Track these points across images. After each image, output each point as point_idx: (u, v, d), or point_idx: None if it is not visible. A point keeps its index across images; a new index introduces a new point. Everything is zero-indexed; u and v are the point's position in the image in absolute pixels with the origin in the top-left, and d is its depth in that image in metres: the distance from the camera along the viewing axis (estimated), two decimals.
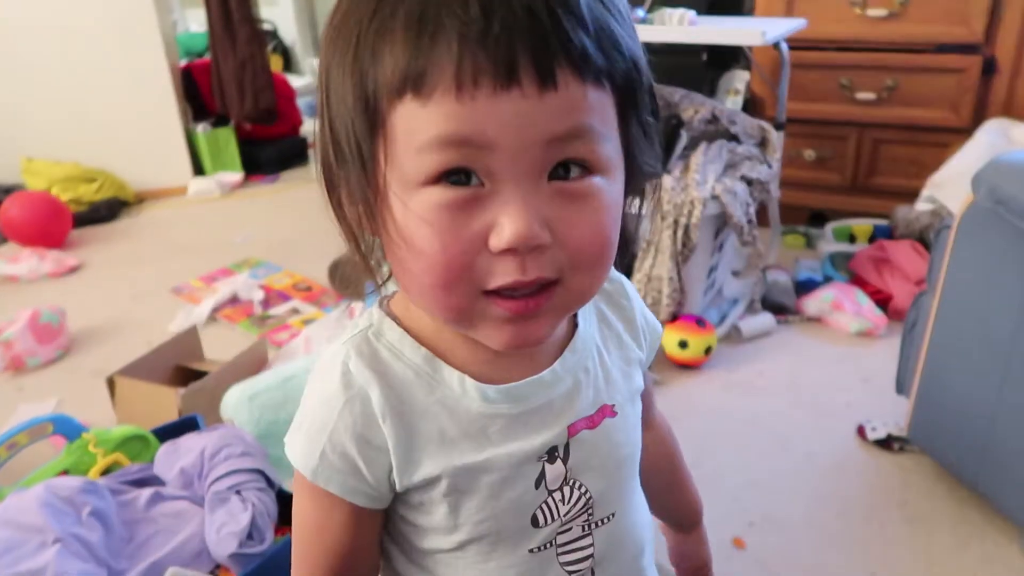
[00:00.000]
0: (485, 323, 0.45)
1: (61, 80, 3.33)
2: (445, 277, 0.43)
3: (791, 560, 1.37)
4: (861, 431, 1.66)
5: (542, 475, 0.52)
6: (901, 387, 1.59)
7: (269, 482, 1.27)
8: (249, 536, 1.16)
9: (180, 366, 1.87)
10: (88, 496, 1.16)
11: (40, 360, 2.11)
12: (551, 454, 0.52)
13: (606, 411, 0.55)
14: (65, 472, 1.30)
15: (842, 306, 2.08)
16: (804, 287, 2.22)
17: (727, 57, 2.50)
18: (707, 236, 1.91)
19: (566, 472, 0.53)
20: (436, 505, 0.51)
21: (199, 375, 1.79)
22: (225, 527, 1.16)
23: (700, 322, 1.91)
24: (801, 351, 2.02)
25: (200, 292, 2.51)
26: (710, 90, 2.44)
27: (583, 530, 0.55)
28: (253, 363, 1.83)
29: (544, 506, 0.53)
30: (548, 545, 0.54)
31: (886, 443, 1.61)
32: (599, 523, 0.56)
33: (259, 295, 2.42)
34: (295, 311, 2.36)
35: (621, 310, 0.59)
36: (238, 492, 1.21)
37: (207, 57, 3.76)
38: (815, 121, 2.56)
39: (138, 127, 3.46)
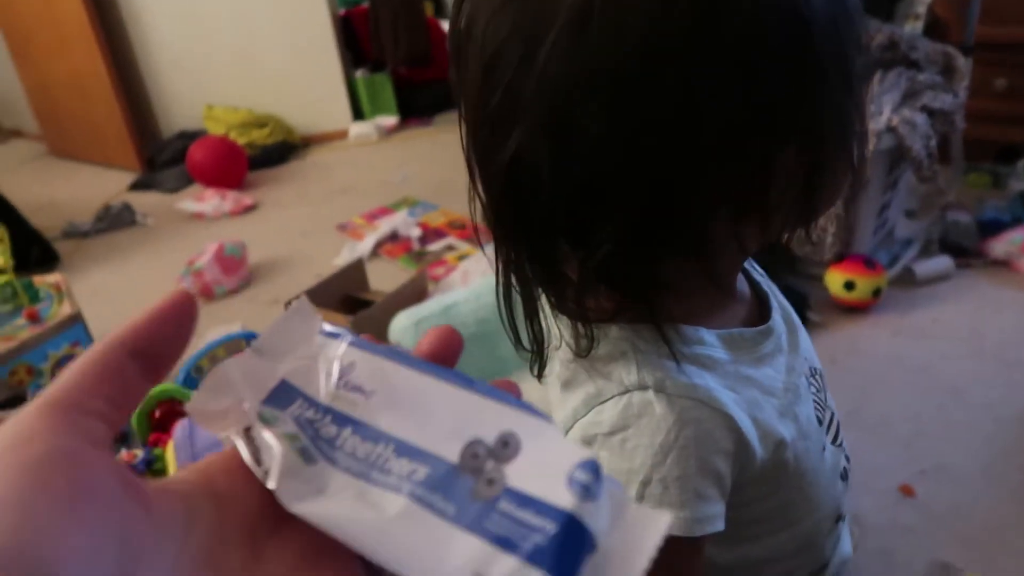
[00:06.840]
0: None
1: (236, 32, 3.56)
2: None
3: (965, 511, 1.29)
4: None
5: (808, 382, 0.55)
6: None
7: None
8: None
9: (347, 296, 2.00)
10: None
11: (226, 289, 2.31)
12: (812, 373, 0.56)
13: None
14: None
15: None
16: (989, 228, 2.04)
17: None
18: (880, 171, 1.78)
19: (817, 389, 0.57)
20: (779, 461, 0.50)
21: (364, 304, 1.91)
22: None
23: (869, 262, 1.80)
24: (983, 297, 1.86)
25: (362, 229, 2.64)
26: (887, 15, 2.24)
27: (835, 439, 0.58)
28: (414, 294, 1.92)
29: (816, 402, 0.56)
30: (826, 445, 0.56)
31: None
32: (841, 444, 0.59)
33: (417, 232, 2.53)
34: (450, 247, 2.44)
35: None
36: None
37: (364, 4, 3.88)
38: (1009, 46, 2.30)
39: (303, 75, 3.65)
